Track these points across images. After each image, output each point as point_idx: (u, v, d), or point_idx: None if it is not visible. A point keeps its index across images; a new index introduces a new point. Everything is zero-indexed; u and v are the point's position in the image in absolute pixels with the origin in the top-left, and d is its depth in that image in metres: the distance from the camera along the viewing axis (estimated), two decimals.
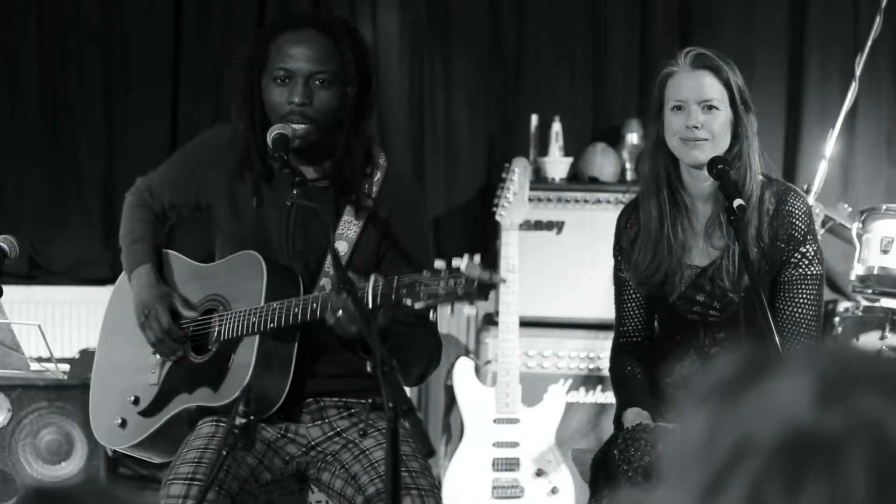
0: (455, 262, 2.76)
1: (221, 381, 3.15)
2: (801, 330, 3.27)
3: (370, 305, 2.87)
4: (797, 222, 3.27)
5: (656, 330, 3.48)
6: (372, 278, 2.86)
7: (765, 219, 3.25)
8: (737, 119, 3.24)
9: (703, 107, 3.22)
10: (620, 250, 3.43)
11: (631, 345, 3.45)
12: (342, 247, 3.17)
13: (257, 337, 3.09)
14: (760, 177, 3.28)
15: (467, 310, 2.89)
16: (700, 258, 3.32)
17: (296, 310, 3.02)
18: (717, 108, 3.22)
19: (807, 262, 3.27)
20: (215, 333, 3.19)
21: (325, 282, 3.16)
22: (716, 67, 3.23)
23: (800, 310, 3.28)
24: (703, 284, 3.30)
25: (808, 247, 3.27)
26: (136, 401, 3.31)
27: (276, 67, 3.10)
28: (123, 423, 3.33)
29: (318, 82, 3.10)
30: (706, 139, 3.22)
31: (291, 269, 3.17)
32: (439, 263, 2.81)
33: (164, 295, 3.26)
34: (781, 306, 3.28)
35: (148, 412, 3.29)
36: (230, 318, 3.15)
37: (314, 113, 3.09)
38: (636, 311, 3.44)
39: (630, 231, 3.38)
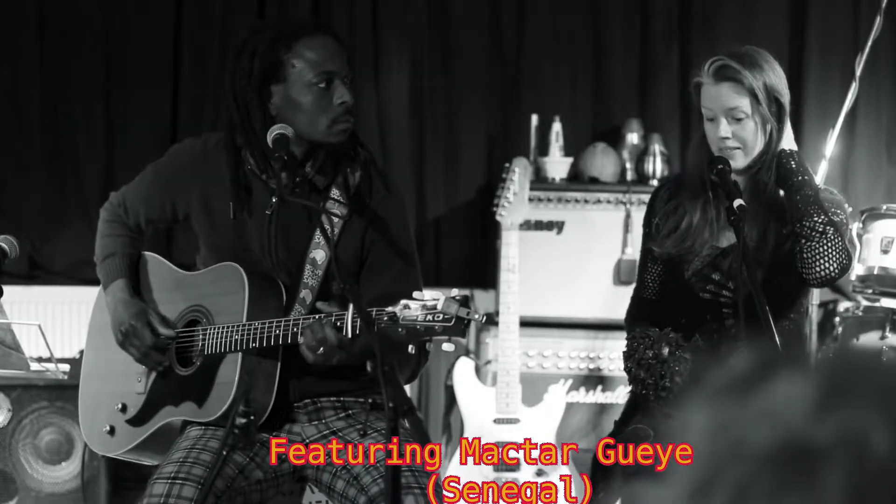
0: (433, 295, 2.78)
1: (206, 397, 3.16)
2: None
3: (349, 336, 2.88)
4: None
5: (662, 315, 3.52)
6: (350, 309, 2.87)
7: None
8: (766, 122, 3.28)
9: (730, 117, 3.28)
10: (650, 222, 3.47)
11: (646, 301, 3.51)
12: (319, 255, 3.17)
13: (240, 354, 3.10)
14: None
15: (446, 346, 2.89)
16: (724, 240, 3.38)
17: (277, 331, 3.03)
18: (744, 115, 3.28)
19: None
20: (199, 347, 3.19)
21: (304, 293, 3.16)
22: (736, 78, 3.26)
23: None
24: (721, 264, 3.36)
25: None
26: (124, 408, 3.33)
27: (318, 72, 3.08)
28: (112, 431, 3.34)
29: (347, 83, 3.13)
30: (738, 148, 3.30)
31: (275, 280, 3.17)
32: (419, 294, 2.81)
33: (139, 312, 3.26)
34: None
35: (135, 421, 3.30)
36: (213, 333, 3.15)
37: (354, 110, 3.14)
38: (656, 282, 3.49)
39: (665, 205, 3.42)
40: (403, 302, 2.80)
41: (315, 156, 3.16)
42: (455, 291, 2.81)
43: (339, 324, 2.92)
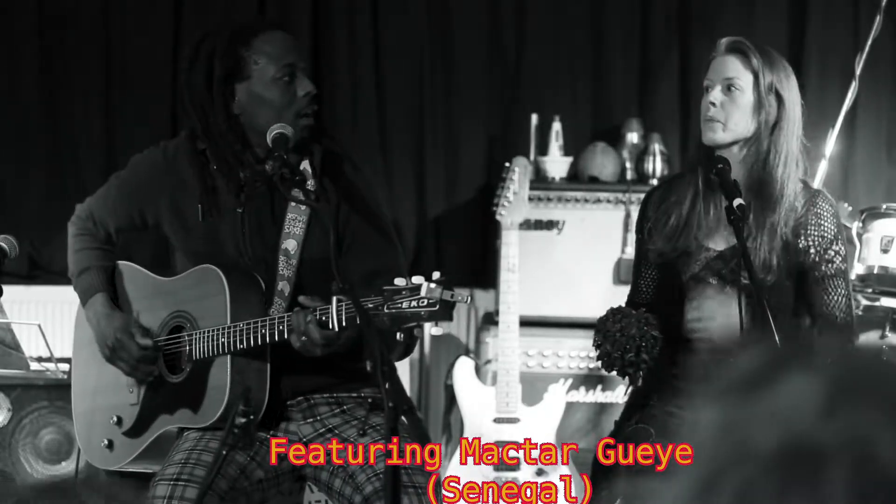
0: (416, 280, 2.77)
1: (200, 402, 3.15)
2: (841, 315, 3.34)
3: (336, 328, 2.87)
4: (825, 223, 3.32)
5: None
6: (334, 301, 2.87)
7: (790, 214, 3.29)
8: (760, 105, 3.25)
9: (724, 86, 3.27)
10: (642, 228, 3.45)
11: (640, 305, 3.48)
12: (291, 245, 3.17)
13: (229, 356, 3.09)
14: (800, 175, 3.32)
15: (434, 330, 2.88)
16: (720, 243, 3.35)
17: (263, 331, 3.03)
18: (738, 88, 3.26)
19: (840, 259, 3.33)
20: (187, 352, 3.19)
21: (282, 285, 3.16)
22: (745, 52, 3.28)
23: (839, 299, 3.34)
24: (719, 268, 3.33)
25: (838, 245, 3.34)
26: (119, 421, 3.32)
27: (281, 66, 3.12)
28: (110, 445, 3.34)
29: (307, 73, 3.18)
30: (718, 121, 3.26)
31: (252, 275, 3.17)
32: (400, 281, 2.80)
33: (123, 325, 3.25)
34: (824, 296, 3.33)
35: (132, 433, 3.30)
36: (200, 338, 3.15)
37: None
38: (650, 286, 3.48)
39: (658, 207, 3.40)
40: (386, 288, 2.80)
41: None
42: (436, 274, 2.80)
43: (324, 318, 2.92)
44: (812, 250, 3.31)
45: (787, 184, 3.28)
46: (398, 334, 2.83)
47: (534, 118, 5.84)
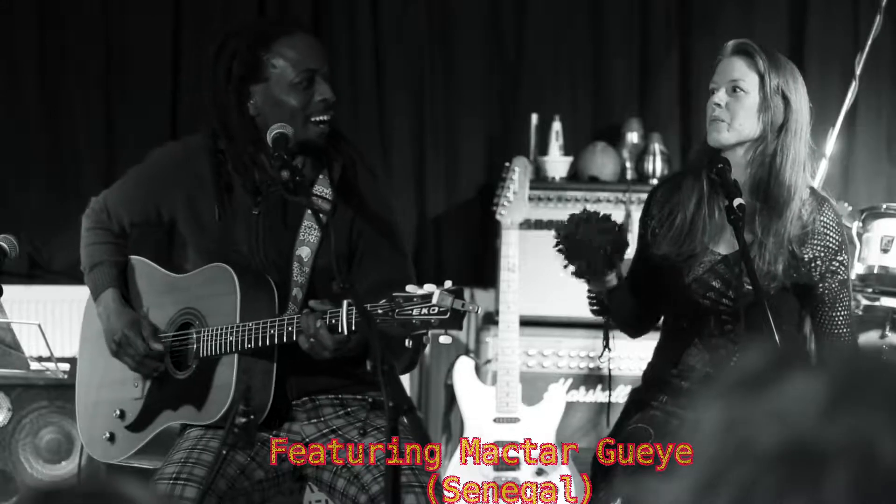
0: (427, 288, 2.77)
1: (204, 400, 3.15)
2: (846, 331, 3.36)
3: (345, 332, 2.88)
4: (831, 234, 3.33)
5: (663, 318, 3.50)
6: (345, 305, 2.87)
7: (797, 223, 3.28)
8: (765, 106, 3.25)
9: (729, 88, 3.26)
10: (646, 224, 3.44)
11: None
12: (305, 252, 3.17)
13: (236, 355, 3.09)
14: (808, 180, 3.31)
15: (443, 339, 2.88)
16: (725, 247, 3.34)
17: (272, 331, 3.03)
18: (743, 90, 3.25)
19: (844, 269, 3.35)
20: (194, 350, 3.19)
21: (296, 291, 3.16)
22: (750, 54, 3.26)
23: (844, 312, 3.36)
24: (722, 272, 3.32)
25: (843, 255, 3.34)
26: (122, 415, 3.32)
27: (300, 71, 3.11)
28: (112, 438, 3.33)
29: (327, 79, 3.16)
30: (723, 121, 3.25)
31: (265, 278, 3.17)
32: (411, 288, 2.80)
33: (132, 321, 3.25)
34: (830, 313, 3.35)
35: (134, 427, 3.30)
36: (208, 336, 3.15)
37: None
38: (636, 280, 3.46)
39: (663, 206, 3.39)
40: (397, 295, 2.80)
41: (299, 153, 3.18)
42: (448, 283, 2.80)
43: (333, 321, 2.92)
44: (818, 262, 3.31)
45: (794, 187, 3.26)
46: (407, 341, 2.83)
47: (534, 118, 5.85)
